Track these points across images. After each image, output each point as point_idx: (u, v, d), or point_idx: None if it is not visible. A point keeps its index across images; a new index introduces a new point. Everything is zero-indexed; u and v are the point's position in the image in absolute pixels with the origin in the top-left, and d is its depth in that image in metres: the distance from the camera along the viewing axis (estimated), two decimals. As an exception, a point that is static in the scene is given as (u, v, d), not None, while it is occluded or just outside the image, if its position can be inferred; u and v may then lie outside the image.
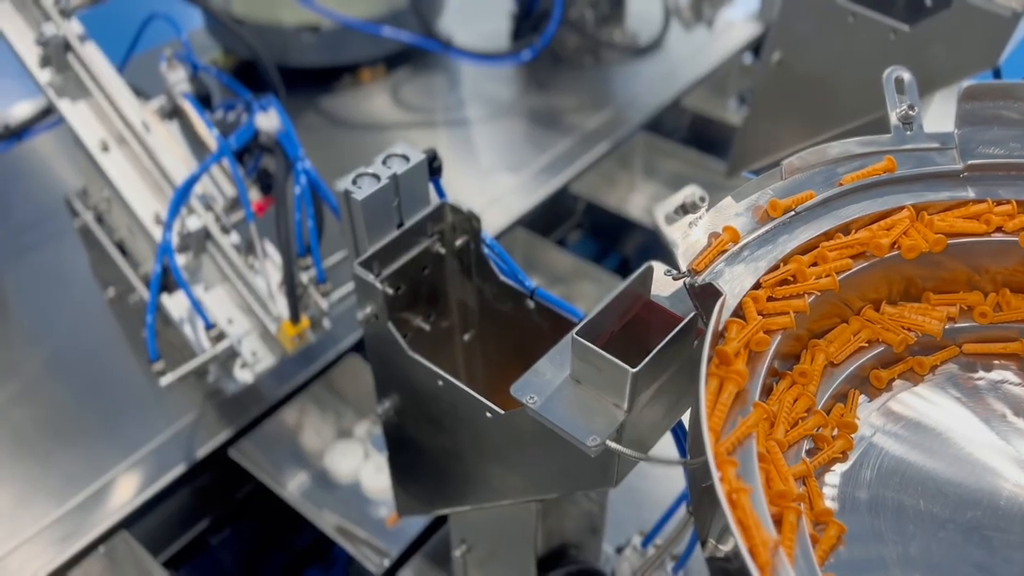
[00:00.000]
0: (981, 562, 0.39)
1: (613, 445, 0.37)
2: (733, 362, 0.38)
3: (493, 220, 1.15)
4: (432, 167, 0.52)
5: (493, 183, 1.22)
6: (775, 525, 0.35)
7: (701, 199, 0.43)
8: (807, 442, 0.42)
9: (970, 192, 0.47)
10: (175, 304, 0.78)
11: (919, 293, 0.48)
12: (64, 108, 0.83)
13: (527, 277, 0.54)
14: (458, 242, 0.53)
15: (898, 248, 0.45)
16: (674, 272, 0.43)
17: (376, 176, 0.48)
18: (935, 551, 0.39)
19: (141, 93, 0.88)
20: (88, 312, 1.03)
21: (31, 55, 0.82)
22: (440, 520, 0.83)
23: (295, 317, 0.74)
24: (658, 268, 0.43)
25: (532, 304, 0.53)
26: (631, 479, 0.46)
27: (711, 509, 0.34)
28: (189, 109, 0.84)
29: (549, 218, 1.24)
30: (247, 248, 0.79)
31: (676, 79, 1.41)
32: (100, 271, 1.05)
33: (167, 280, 0.79)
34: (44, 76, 0.83)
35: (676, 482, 0.86)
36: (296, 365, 0.94)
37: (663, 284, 0.43)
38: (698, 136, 1.38)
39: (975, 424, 0.44)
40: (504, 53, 1.33)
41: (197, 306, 0.75)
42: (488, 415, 0.46)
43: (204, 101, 0.86)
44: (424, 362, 0.48)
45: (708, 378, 0.37)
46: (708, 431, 0.35)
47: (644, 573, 0.61)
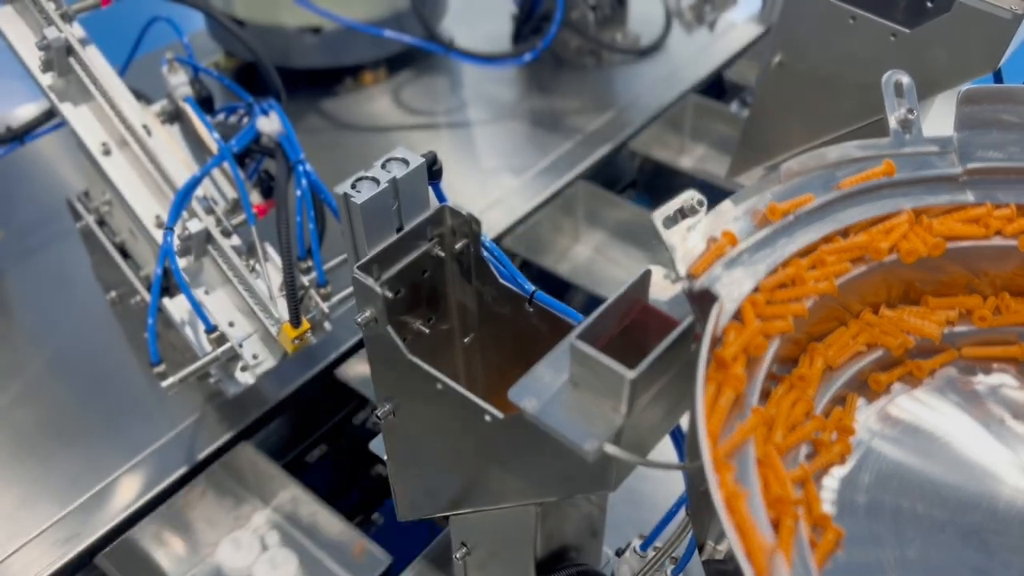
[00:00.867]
0: (979, 566, 0.39)
1: (611, 450, 0.37)
2: (731, 366, 0.39)
3: (495, 222, 1.15)
4: (432, 171, 0.52)
5: (495, 185, 1.22)
6: (773, 529, 0.35)
7: (699, 203, 0.43)
8: (805, 446, 0.42)
9: (969, 196, 0.47)
10: (176, 307, 0.78)
11: (918, 297, 0.48)
12: (66, 111, 0.83)
13: (526, 280, 0.54)
14: (458, 245, 0.53)
15: (897, 252, 0.45)
16: (672, 276, 0.43)
17: (375, 180, 0.48)
18: (933, 555, 0.39)
19: (143, 96, 0.89)
20: (90, 314, 1.03)
21: (33, 59, 0.82)
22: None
23: (296, 320, 0.74)
24: (656, 272, 0.43)
25: (531, 307, 0.54)
26: (630, 481, 0.46)
27: (709, 513, 0.34)
28: (190, 112, 0.84)
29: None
30: (248, 251, 0.79)
31: (678, 81, 1.41)
32: (102, 273, 1.05)
33: (168, 283, 0.79)
34: (46, 80, 0.83)
35: (676, 485, 0.85)
36: (297, 367, 0.94)
37: (662, 288, 0.43)
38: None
39: (974, 428, 0.44)
40: (506, 55, 1.33)
41: (198, 309, 0.75)
42: (487, 419, 0.46)
43: (206, 104, 0.87)
44: (423, 365, 0.48)
45: (706, 382, 0.37)
46: (705, 435, 0.35)
47: (644, 576, 0.61)
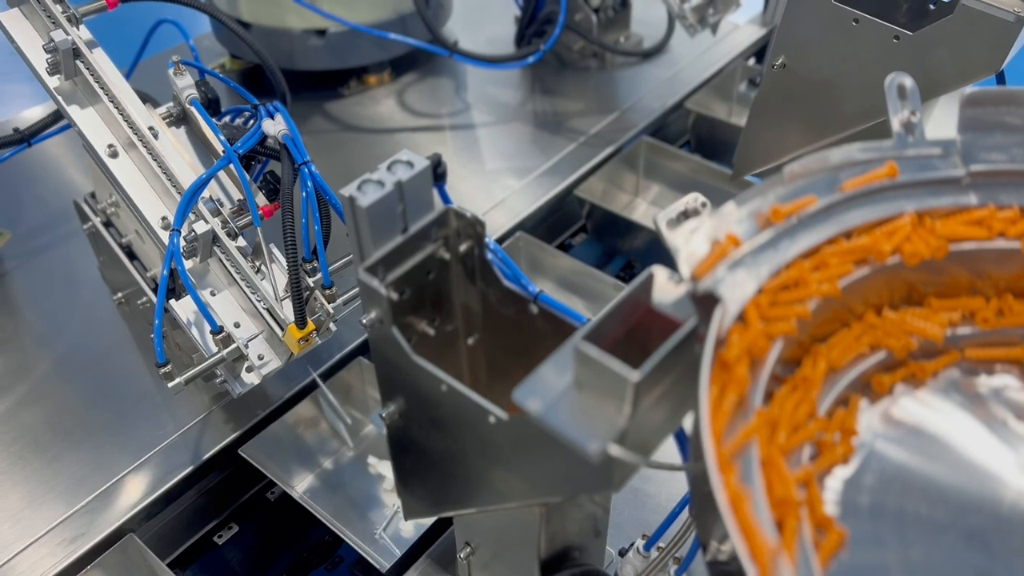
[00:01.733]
0: (982, 568, 0.39)
1: (615, 451, 0.38)
2: (735, 368, 0.39)
3: (498, 223, 1.15)
4: (436, 173, 0.52)
5: (498, 186, 1.22)
6: (777, 530, 0.35)
7: (703, 205, 0.44)
8: (808, 447, 0.42)
9: (972, 198, 0.47)
10: (182, 308, 0.78)
11: (921, 298, 0.48)
12: (73, 114, 0.84)
13: (531, 282, 0.54)
14: (462, 247, 0.54)
15: (900, 254, 0.45)
16: (676, 278, 0.43)
17: (381, 183, 0.49)
18: (936, 556, 0.39)
19: (149, 98, 0.89)
20: (97, 315, 1.04)
21: (40, 61, 0.83)
22: (446, 523, 0.83)
23: (301, 321, 0.75)
24: (660, 274, 0.43)
25: (535, 309, 0.54)
26: (634, 482, 0.46)
27: (713, 514, 0.35)
28: (196, 115, 0.84)
29: (553, 221, 1.25)
30: (254, 252, 0.80)
31: (681, 83, 1.41)
32: (109, 274, 1.06)
33: (175, 284, 0.80)
34: (53, 82, 0.84)
35: (679, 485, 0.86)
36: (302, 367, 0.95)
37: (665, 290, 0.43)
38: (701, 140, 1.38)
39: (977, 429, 0.44)
40: (509, 57, 1.33)
41: (204, 310, 0.75)
42: (491, 420, 0.47)
43: (212, 106, 0.87)
44: (428, 366, 0.49)
45: (710, 384, 0.38)
46: (710, 437, 0.36)
47: (647, 576, 0.61)
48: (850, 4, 0.79)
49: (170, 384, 0.76)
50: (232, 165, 0.79)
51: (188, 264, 0.78)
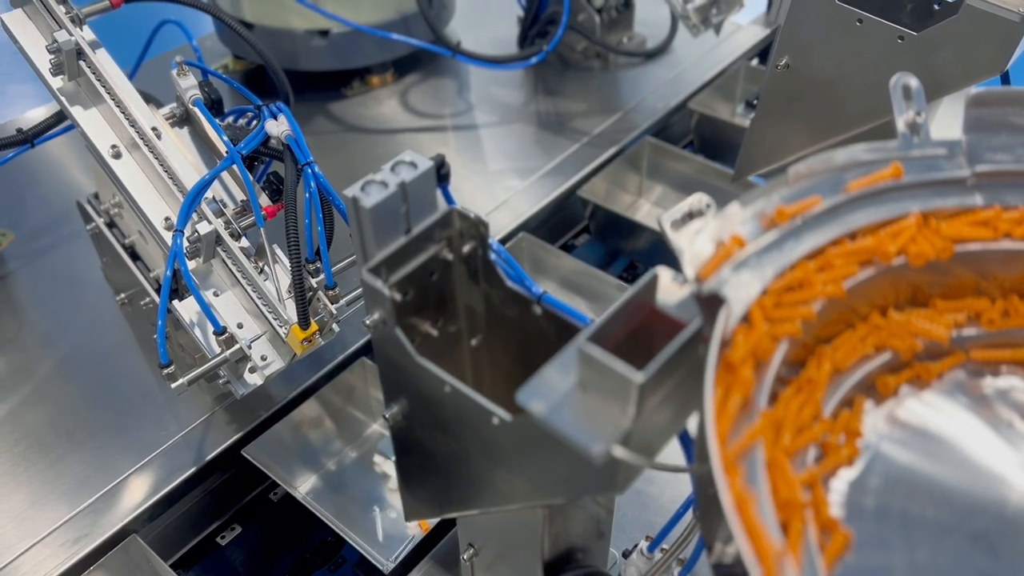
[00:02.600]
0: (988, 570, 0.39)
1: (619, 453, 0.37)
2: (739, 369, 0.39)
3: (501, 223, 1.15)
4: (440, 174, 0.52)
5: (501, 187, 1.22)
6: (782, 532, 0.35)
7: (708, 206, 0.44)
8: (813, 449, 0.42)
9: (978, 199, 0.47)
10: (185, 308, 0.78)
11: (926, 299, 0.48)
12: (76, 115, 0.84)
13: (534, 283, 0.54)
14: (466, 248, 0.54)
15: (905, 255, 0.45)
16: (680, 279, 0.43)
17: (384, 183, 0.49)
18: (942, 558, 0.39)
19: (152, 99, 0.89)
20: (100, 315, 1.04)
21: (44, 62, 0.83)
22: (450, 524, 0.83)
23: (304, 321, 0.75)
24: (664, 275, 0.43)
25: (539, 310, 0.54)
26: (638, 483, 0.46)
27: (717, 516, 0.35)
28: (199, 115, 0.84)
29: (556, 222, 1.24)
30: (257, 253, 0.80)
31: (684, 84, 1.41)
32: (112, 275, 1.06)
33: (178, 284, 0.80)
34: (56, 83, 0.84)
35: (683, 486, 0.85)
36: (305, 368, 0.95)
37: (669, 291, 0.43)
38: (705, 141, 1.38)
39: (982, 431, 0.44)
40: (512, 58, 1.33)
41: (207, 310, 0.75)
42: (495, 421, 0.47)
43: (215, 107, 0.87)
44: (432, 367, 0.49)
45: (714, 385, 0.38)
46: (715, 438, 0.36)
47: (651, 578, 0.61)
48: (854, 4, 0.79)
49: (173, 385, 0.76)
50: (235, 166, 0.79)
51: (191, 265, 0.78)
